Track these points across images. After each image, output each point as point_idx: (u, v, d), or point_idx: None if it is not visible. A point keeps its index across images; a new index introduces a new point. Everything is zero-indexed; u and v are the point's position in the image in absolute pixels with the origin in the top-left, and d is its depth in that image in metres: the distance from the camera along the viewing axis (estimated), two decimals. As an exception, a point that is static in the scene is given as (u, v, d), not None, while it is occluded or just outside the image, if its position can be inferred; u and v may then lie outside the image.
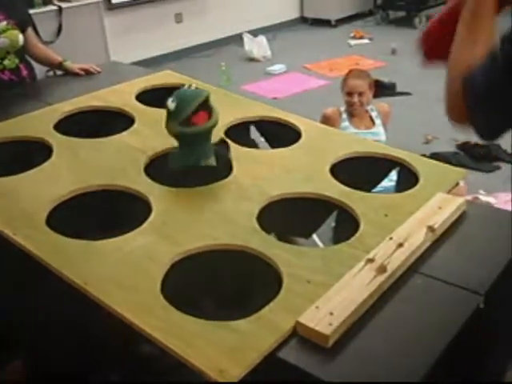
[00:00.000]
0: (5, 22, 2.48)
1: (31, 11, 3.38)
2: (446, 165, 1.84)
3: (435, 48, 1.16)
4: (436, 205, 1.54)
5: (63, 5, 4.67)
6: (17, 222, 1.53)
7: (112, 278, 1.32)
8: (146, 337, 1.17)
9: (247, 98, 2.37)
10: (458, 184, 1.72)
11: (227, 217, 1.54)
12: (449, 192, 1.64)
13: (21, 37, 2.54)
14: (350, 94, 2.85)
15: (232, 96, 2.37)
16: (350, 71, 3.00)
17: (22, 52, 2.61)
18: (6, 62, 2.52)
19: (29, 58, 2.69)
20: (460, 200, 1.57)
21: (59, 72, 2.84)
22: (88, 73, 2.71)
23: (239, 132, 2.09)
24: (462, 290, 1.27)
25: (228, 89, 2.60)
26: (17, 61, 2.56)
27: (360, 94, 2.83)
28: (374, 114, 2.93)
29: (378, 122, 2.91)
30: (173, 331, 1.17)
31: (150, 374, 1.45)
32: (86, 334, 1.44)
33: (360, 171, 1.85)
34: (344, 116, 2.90)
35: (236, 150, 1.88)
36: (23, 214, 1.56)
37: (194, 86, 1.67)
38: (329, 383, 1.07)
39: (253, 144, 2.20)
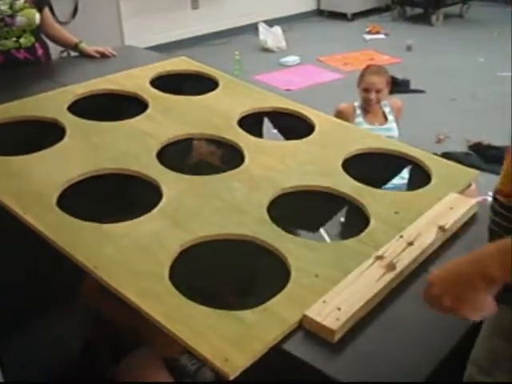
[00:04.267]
0: (22, 1, 2.48)
1: (48, -9, 3.37)
2: (459, 165, 1.83)
3: None
4: (448, 205, 1.53)
5: (80, -14, 4.65)
6: (27, 202, 1.53)
7: (121, 263, 1.32)
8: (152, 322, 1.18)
9: (261, 89, 2.36)
10: (470, 185, 1.71)
11: (237, 207, 1.53)
12: (461, 192, 1.63)
13: (37, 16, 2.54)
14: (367, 90, 2.82)
15: (246, 86, 2.36)
16: (368, 67, 2.96)
17: (38, 31, 2.61)
18: (22, 40, 2.51)
19: (44, 38, 2.69)
20: (472, 201, 1.56)
21: (73, 53, 2.84)
22: (103, 56, 2.70)
23: (252, 122, 2.08)
24: (471, 292, 1.26)
25: (240, 78, 2.59)
26: (33, 39, 2.56)
27: (377, 91, 2.80)
28: (387, 110, 2.91)
29: (390, 117, 2.89)
30: (179, 318, 1.17)
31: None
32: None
33: (372, 167, 1.84)
34: (358, 112, 2.88)
35: (248, 141, 1.87)
36: (34, 194, 1.56)
37: None
38: (332, 378, 1.07)
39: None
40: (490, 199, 3.27)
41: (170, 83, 2.35)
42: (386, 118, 2.90)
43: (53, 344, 1.86)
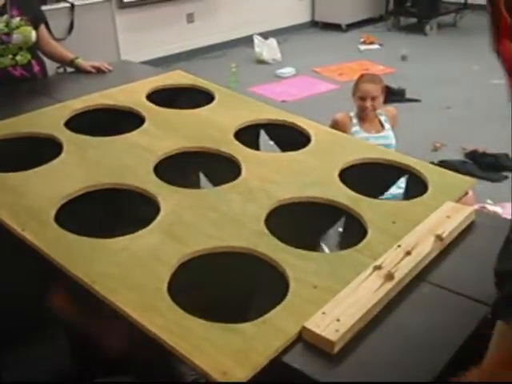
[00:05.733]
0: (18, 19, 2.50)
1: (44, 8, 3.39)
2: (456, 173, 1.83)
3: None
4: (445, 213, 1.53)
5: (76, 2, 4.69)
6: (25, 218, 1.53)
7: (119, 278, 1.31)
8: (151, 336, 1.17)
9: (257, 101, 2.37)
10: (467, 193, 1.71)
11: (235, 219, 1.54)
12: (458, 201, 1.64)
13: (34, 33, 2.56)
14: (362, 98, 2.84)
15: (242, 98, 2.37)
16: (362, 75, 2.99)
17: (34, 48, 2.62)
18: (18, 57, 2.53)
19: (40, 55, 2.70)
20: (469, 209, 1.56)
21: (69, 69, 2.85)
22: (99, 71, 2.72)
23: (249, 135, 2.09)
24: (470, 300, 1.26)
25: (236, 90, 2.61)
26: (29, 56, 2.58)
27: (373, 99, 2.83)
28: (383, 119, 2.92)
29: (387, 126, 2.91)
30: (178, 332, 1.16)
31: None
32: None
33: (369, 177, 1.84)
34: (354, 121, 2.89)
35: (245, 153, 1.88)
36: (32, 211, 1.56)
37: None
38: (333, 389, 1.07)
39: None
40: (488, 207, 3.25)
41: (166, 97, 2.36)
42: (382, 126, 2.91)
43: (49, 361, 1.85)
